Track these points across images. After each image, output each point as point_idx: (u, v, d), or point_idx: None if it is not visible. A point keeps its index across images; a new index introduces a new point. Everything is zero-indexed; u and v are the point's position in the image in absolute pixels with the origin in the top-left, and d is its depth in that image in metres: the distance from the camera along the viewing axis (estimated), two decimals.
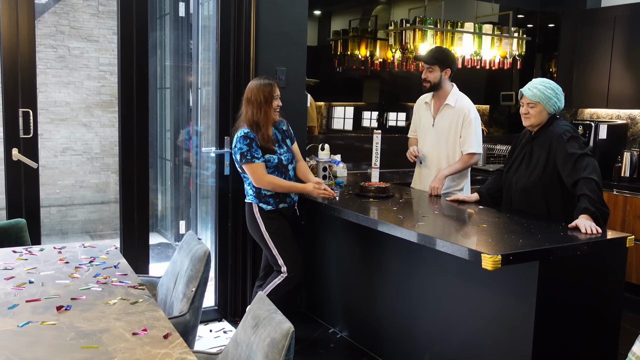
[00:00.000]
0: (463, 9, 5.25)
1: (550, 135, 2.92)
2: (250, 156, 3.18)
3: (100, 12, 7.65)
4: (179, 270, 2.52)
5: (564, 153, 2.83)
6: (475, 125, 3.62)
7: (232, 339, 1.95)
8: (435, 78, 3.61)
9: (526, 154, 3.03)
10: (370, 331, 3.43)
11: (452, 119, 3.64)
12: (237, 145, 3.21)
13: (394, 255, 3.21)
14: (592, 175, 2.72)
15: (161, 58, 6.42)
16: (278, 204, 3.31)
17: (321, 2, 4.63)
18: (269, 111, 3.22)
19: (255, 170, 3.20)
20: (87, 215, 7.81)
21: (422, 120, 3.81)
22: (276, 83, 3.28)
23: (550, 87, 2.93)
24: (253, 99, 3.22)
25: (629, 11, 4.97)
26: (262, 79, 3.27)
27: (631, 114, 5.23)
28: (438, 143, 3.69)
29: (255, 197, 3.30)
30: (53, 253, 2.61)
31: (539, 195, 2.95)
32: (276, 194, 3.30)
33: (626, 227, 4.56)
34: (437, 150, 3.70)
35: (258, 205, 3.29)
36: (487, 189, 3.30)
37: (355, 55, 4.79)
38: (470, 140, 3.59)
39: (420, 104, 3.86)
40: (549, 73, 5.74)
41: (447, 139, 3.66)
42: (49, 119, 7.45)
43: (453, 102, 3.63)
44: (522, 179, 3.00)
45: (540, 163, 2.93)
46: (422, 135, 3.80)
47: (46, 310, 1.93)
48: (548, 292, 2.42)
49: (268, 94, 3.21)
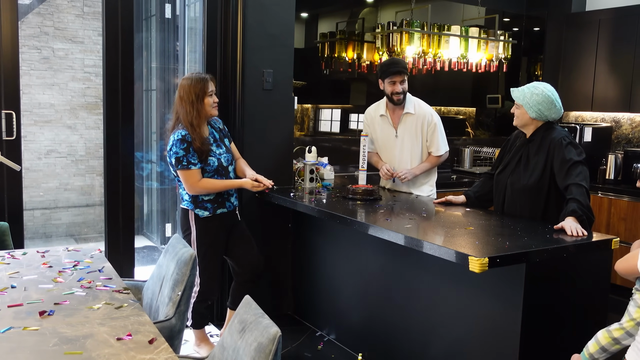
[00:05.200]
0: (450, 12, 5.28)
1: (548, 139, 2.95)
2: (186, 162, 3.02)
3: (85, 13, 7.59)
4: (165, 274, 2.50)
5: (561, 158, 2.86)
6: (439, 128, 3.68)
7: (218, 344, 1.93)
8: (406, 87, 3.62)
9: (522, 156, 3.04)
10: (358, 334, 3.43)
11: (415, 126, 3.66)
12: (172, 148, 3.03)
13: (381, 258, 3.20)
14: (583, 182, 2.76)
15: (147, 60, 6.37)
16: (216, 209, 3.18)
17: (308, 5, 4.63)
18: (202, 109, 3.07)
19: (189, 177, 3.04)
20: (71, 218, 7.73)
21: (381, 133, 3.76)
22: (210, 78, 3.12)
23: (538, 92, 2.93)
24: (185, 97, 3.05)
25: (613, 15, 5.02)
26: (194, 75, 3.11)
27: (615, 116, 5.28)
28: (405, 152, 3.71)
29: (191, 203, 3.14)
30: (36, 257, 2.57)
31: (536, 198, 2.96)
32: (214, 199, 3.16)
33: (611, 229, 4.61)
34: (407, 159, 3.71)
35: (194, 212, 3.15)
36: (475, 192, 3.32)
37: (342, 58, 4.79)
38: (438, 143, 3.67)
39: (374, 118, 3.77)
40: (535, 76, 5.79)
41: (413, 146, 3.69)
42: (32, 120, 7.37)
43: (413, 110, 3.65)
44: (520, 181, 3.00)
45: (538, 166, 2.95)
46: (387, 148, 3.77)
47: (28, 316, 1.89)
48: (534, 294, 2.43)
49: (200, 90, 3.06)
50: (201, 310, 3.33)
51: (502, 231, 2.72)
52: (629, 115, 5.17)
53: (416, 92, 3.86)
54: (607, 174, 4.93)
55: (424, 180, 3.78)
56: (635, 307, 2.05)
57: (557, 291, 2.53)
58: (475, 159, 5.41)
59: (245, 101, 3.70)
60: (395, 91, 3.57)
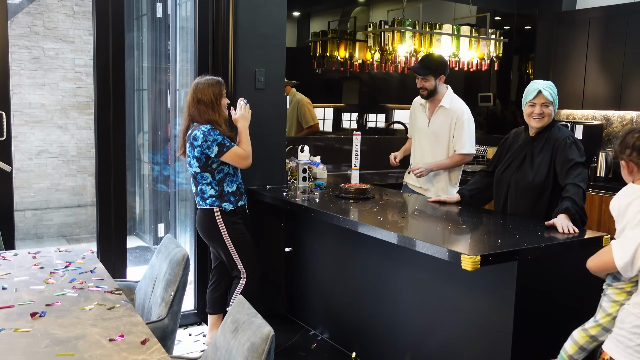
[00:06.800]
0: (441, 10, 5.29)
1: (552, 138, 2.95)
2: (228, 142, 3.16)
3: (76, 13, 7.54)
4: (157, 274, 2.49)
5: (563, 157, 2.87)
6: (468, 127, 3.69)
7: (211, 344, 1.92)
8: (431, 86, 3.69)
9: (526, 154, 3.03)
10: (351, 333, 3.43)
11: (445, 120, 3.71)
12: (208, 139, 3.12)
13: (374, 257, 3.21)
14: (581, 183, 2.77)
15: (138, 59, 6.34)
16: (237, 201, 3.30)
17: (300, 4, 4.62)
18: (220, 110, 3.20)
19: (237, 153, 3.19)
20: (63, 218, 7.68)
21: (417, 122, 3.90)
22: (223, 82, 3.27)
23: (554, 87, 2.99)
24: (205, 98, 3.17)
25: (603, 13, 5.05)
26: (209, 78, 3.23)
27: (606, 114, 5.32)
28: (432, 144, 3.77)
29: (217, 199, 3.24)
30: (27, 258, 2.56)
31: (540, 196, 2.95)
32: (235, 191, 3.28)
33: (602, 226, 4.63)
34: (432, 151, 3.76)
35: (220, 208, 3.24)
36: (469, 189, 3.30)
37: (334, 57, 4.79)
38: (462, 140, 3.67)
39: (416, 106, 3.94)
40: (526, 74, 5.81)
41: (441, 140, 3.74)
42: (23, 121, 7.32)
43: (447, 104, 3.71)
44: (525, 179, 2.99)
45: (543, 164, 2.95)
46: (418, 136, 3.89)
47: (20, 317, 1.88)
48: (527, 291, 2.44)
49: (218, 92, 3.19)
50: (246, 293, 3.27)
51: (493, 229, 2.73)
52: (620, 113, 5.20)
53: (408, 91, 3.88)
54: (598, 171, 4.95)
55: (442, 179, 3.77)
56: (609, 303, 2.08)
57: (549, 288, 2.55)
58: None
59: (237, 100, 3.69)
60: (418, 86, 3.73)
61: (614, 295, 2.08)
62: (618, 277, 2.07)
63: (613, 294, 2.08)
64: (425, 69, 3.66)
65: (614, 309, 2.06)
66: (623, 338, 1.99)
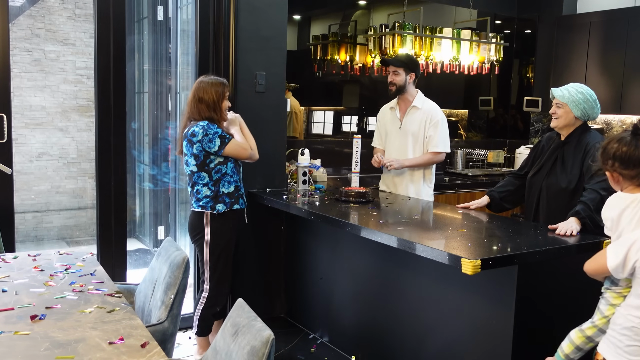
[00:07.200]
0: (442, 14, 5.30)
1: (584, 142, 2.95)
2: (228, 135, 3.14)
3: (77, 15, 7.56)
4: (157, 277, 2.49)
5: (590, 161, 2.85)
6: (442, 126, 3.69)
7: (211, 347, 1.92)
8: (401, 81, 3.67)
9: (557, 158, 3.03)
10: (351, 336, 3.43)
11: (419, 120, 3.69)
12: (209, 132, 3.06)
13: (374, 260, 3.21)
14: (600, 190, 2.72)
15: (139, 62, 6.35)
16: (232, 204, 3.22)
17: (301, 7, 4.63)
18: (220, 111, 3.16)
19: (238, 144, 3.16)
20: (63, 221, 7.68)
21: (388, 126, 3.84)
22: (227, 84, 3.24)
23: (581, 91, 2.94)
24: (206, 97, 3.12)
25: (603, 17, 5.06)
26: (213, 78, 3.20)
27: (606, 118, 5.32)
28: (406, 145, 3.73)
29: (211, 200, 3.17)
30: (27, 261, 2.55)
31: (572, 200, 2.93)
32: (232, 193, 3.22)
33: None
34: (405, 152, 3.73)
35: (211, 212, 3.17)
36: (499, 192, 3.28)
37: (335, 60, 4.79)
38: (436, 139, 3.66)
39: (385, 111, 3.90)
40: (527, 78, 5.82)
41: (414, 140, 3.71)
42: (24, 123, 7.33)
43: (420, 104, 3.70)
44: (557, 184, 2.99)
45: (575, 169, 2.95)
46: (390, 140, 3.83)
47: (20, 320, 1.88)
48: (527, 295, 2.44)
49: (220, 92, 3.15)
50: (208, 317, 3.29)
51: (494, 233, 2.73)
52: (620, 117, 5.20)
53: None
54: None
55: (416, 176, 3.75)
56: (606, 305, 2.10)
57: (550, 293, 2.55)
58: (467, 161, 5.43)
59: (238, 104, 3.70)
60: (388, 81, 3.72)
61: (612, 299, 2.09)
62: (616, 281, 2.08)
63: (611, 297, 2.10)
64: (397, 61, 3.67)
65: (610, 311, 2.08)
66: (614, 339, 2.01)
